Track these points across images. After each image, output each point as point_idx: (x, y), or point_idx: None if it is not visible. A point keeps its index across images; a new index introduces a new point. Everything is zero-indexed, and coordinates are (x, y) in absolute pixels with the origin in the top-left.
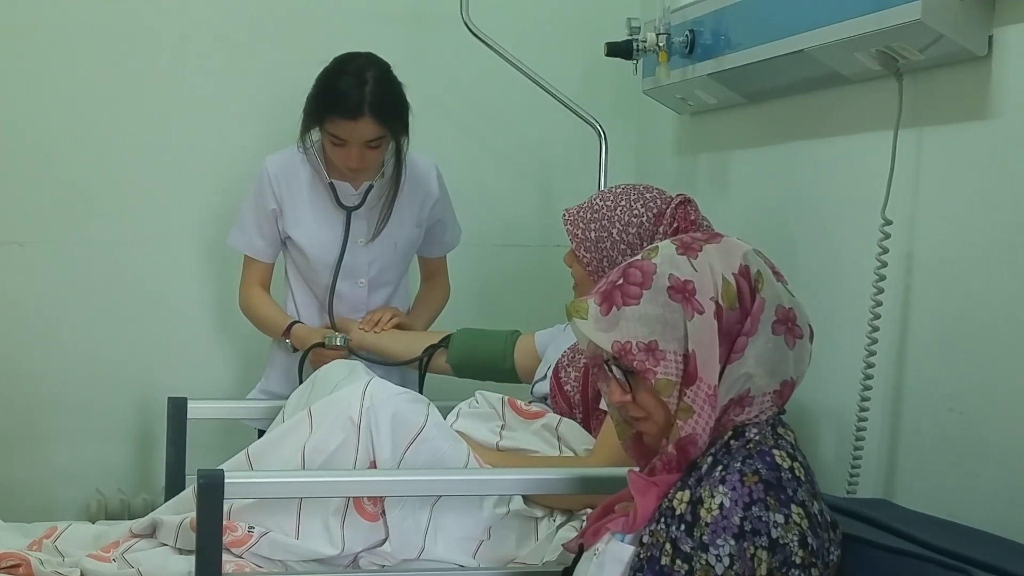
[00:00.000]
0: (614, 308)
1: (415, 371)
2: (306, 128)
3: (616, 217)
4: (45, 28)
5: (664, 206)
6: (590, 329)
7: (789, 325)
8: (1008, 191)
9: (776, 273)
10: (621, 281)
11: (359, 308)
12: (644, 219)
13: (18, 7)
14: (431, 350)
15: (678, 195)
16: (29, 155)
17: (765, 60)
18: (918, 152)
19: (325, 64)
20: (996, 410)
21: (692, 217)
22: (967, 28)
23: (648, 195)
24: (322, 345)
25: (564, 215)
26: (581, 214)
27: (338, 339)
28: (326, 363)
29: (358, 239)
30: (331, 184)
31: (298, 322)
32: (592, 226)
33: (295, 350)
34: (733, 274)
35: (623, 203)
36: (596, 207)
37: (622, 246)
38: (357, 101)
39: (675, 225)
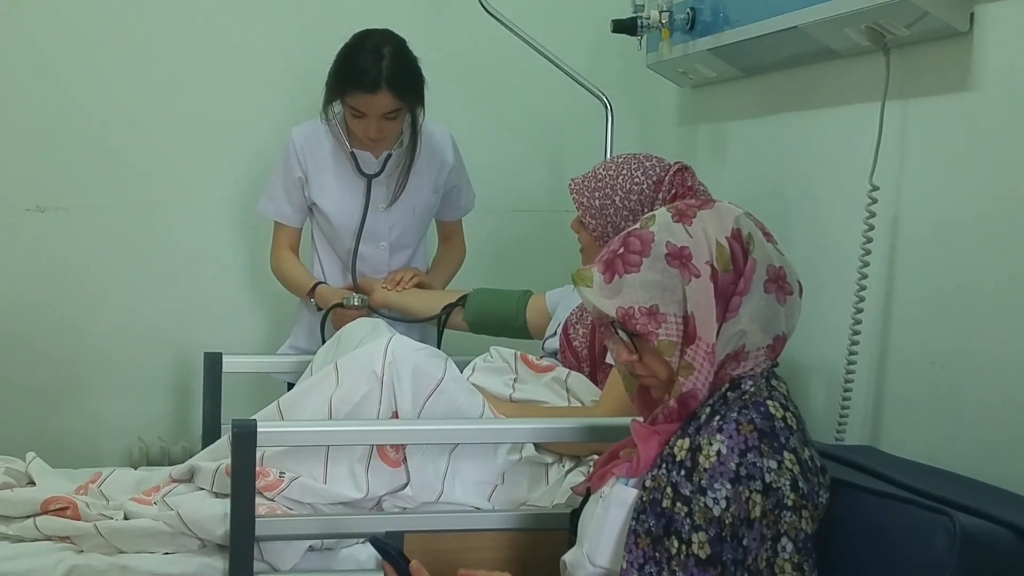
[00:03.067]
0: (616, 276)
1: (434, 328)
2: (328, 101)
3: (618, 185)
4: (91, 11)
5: (663, 173)
6: (595, 296)
7: (780, 283)
8: (987, 158)
9: (766, 234)
10: (622, 250)
11: (381, 269)
12: (644, 186)
13: None
14: (449, 308)
15: (676, 163)
16: (73, 128)
17: (761, 36)
18: (904, 122)
19: (346, 40)
20: (975, 364)
21: (689, 183)
22: (950, 5)
23: (648, 163)
24: (341, 305)
25: (570, 184)
26: (586, 183)
27: (356, 299)
28: (346, 322)
29: (378, 204)
30: (352, 153)
31: (322, 283)
32: (596, 194)
33: (319, 309)
34: (726, 238)
35: (624, 172)
36: (599, 176)
37: (624, 212)
38: (375, 75)
39: (673, 191)
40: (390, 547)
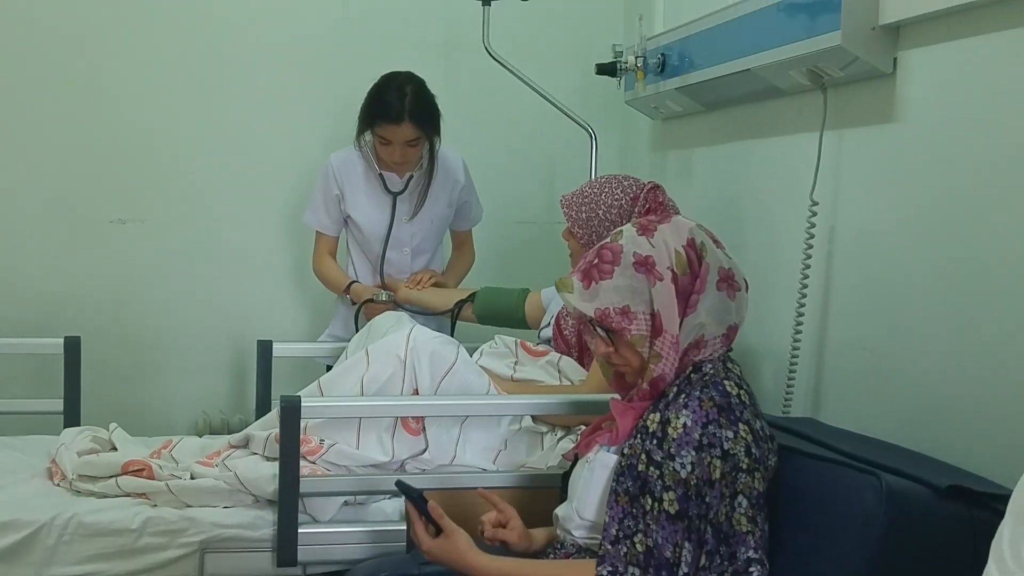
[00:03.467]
0: (593, 282)
1: (448, 320)
2: (360, 131)
3: (601, 201)
4: (166, 56)
5: (639, 191)
6: (576, 300)
7: (730, 282)
8: (908, 179)
9: (716, 241)
10: (596, 260)
11: (404, 271)
12: (623, 202)
13: (132, 25)
14: (461, 304)
15: (649, 182)
16: (148, 154)
17: (720, 77)
18: (839, 149)
19: (375, 80)
20: (900, 349)
21: (661, 199)
22: (877, 52)
23: (626, 183)
24: (371, 300)
25: (561, 200)
26: (574, 199)
27: (384, 295)
28: (375, 314)
29: (402, 217)
30: (380, 174)
31: (355, 282)
32: (583, 209)
33: (353, 303)
34: (683, 246)
35: (607, 190)
36: (586, 193)
37: (607, 223)
38: (399, 110)
39: (647, 206)
40: (412, 490)
